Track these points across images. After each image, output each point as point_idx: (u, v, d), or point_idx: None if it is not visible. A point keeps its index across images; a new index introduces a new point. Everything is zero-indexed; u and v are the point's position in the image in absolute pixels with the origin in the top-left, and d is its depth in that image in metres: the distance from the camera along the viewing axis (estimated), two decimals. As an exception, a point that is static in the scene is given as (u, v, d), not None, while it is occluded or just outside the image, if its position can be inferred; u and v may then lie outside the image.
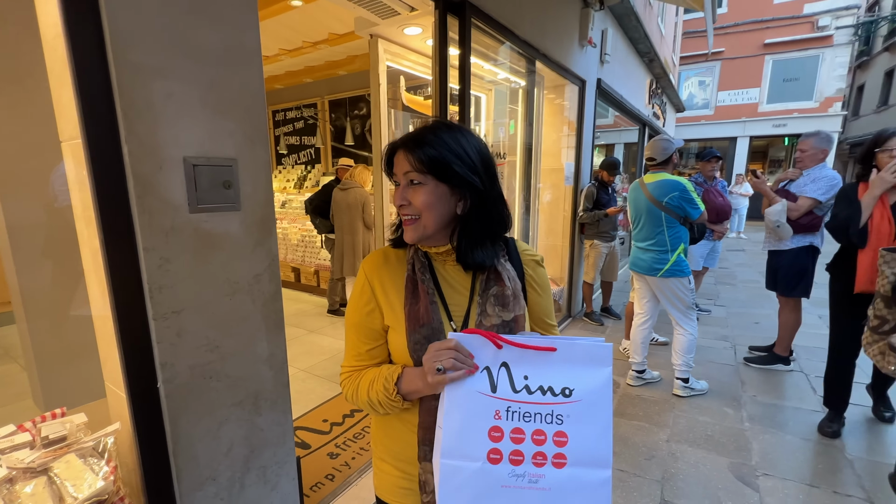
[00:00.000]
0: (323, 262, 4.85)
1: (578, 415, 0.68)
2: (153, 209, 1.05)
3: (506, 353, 0.69)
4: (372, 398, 0.79)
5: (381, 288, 0.83)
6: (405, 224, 0.81)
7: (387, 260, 0.86)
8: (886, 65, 17.75)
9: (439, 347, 0.69)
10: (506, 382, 0.69)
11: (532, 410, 0.68)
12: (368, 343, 0.85)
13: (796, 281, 3.10)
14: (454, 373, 0.67)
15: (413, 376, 0.76)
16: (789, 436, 2.43)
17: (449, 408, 0.68)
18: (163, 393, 1.11)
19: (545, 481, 0.67)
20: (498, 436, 0.67)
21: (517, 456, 0.67)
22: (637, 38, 5.51)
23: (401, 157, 0.79)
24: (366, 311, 0.83)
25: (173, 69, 1.06)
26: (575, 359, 0.69)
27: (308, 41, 3.74)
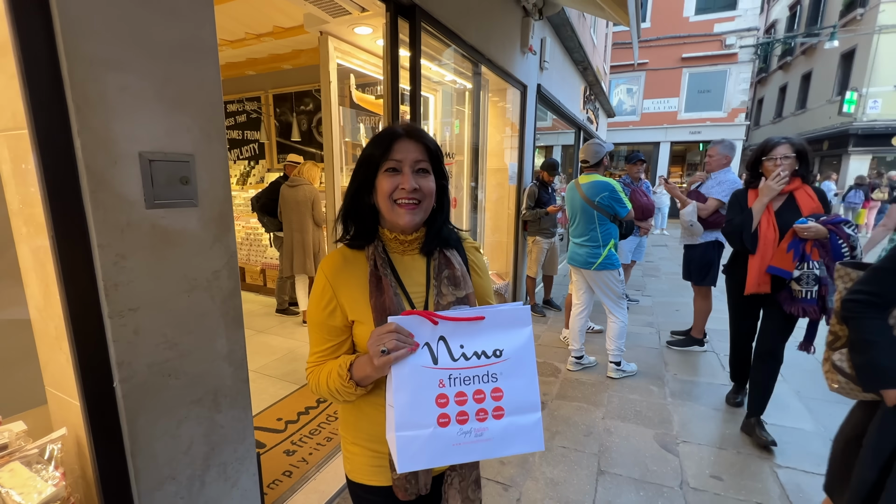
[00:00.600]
0: (270, 260, 4.70)
1: (509, 371, 0.78)
2: (108, 205, 1.03)
3: (442, 327, 0.76)
4: (331, 387, 0.85)
5: (344, 287, 0.87)
6: (407, 208, 0.85)
7: (345, 260, 0.90)
8: (780, 81, 20.24)
9: (380, 332, 0.74)
10: (445, 354, 0.76)
11: (471, 374, 0.77)
12: (330, 340, 0.90)
13: (706, 271, 3.52)
14: (397, 352, 0.73)
15: (362, 363, 0.81)
16: (703, 407, 2.77)
17: (397, 385, 0.74)
18: (119, 393, 1.09)
19: (489, 433, 0.77)
20: (444, 402, 0.75)
21: (462, 416, 0.76)
22: (572, 48, 5.87)
23: (409, 145, 0.85)
24: (327, 310, 0.87)
25: (128, 62, 1.04)
26: (501, 323, 0.79)
27: (252, 33, 3.62)
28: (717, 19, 13.67)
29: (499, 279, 4.64)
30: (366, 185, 0.88)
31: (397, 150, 0.85)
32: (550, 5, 4.16)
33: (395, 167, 0.85)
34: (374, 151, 0.86)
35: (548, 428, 2.53)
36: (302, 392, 2.76)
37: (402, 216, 0.85)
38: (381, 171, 0.86)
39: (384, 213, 0.88)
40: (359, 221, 0.91)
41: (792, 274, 2.13)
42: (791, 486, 2.03)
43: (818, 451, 2.29)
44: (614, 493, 2.01)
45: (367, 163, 0.87)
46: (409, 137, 0.86)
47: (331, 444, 2.20)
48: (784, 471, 2.14)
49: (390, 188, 0.84)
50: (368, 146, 0.89)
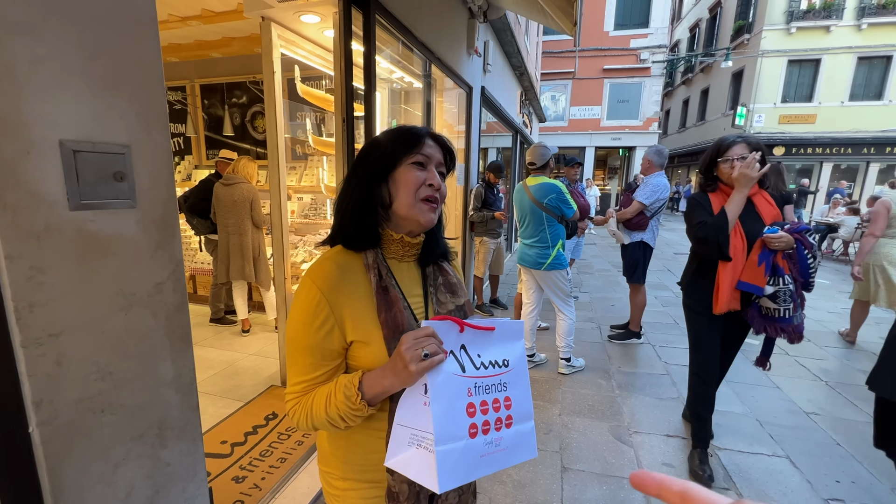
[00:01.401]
0: (200, 265, 4.24)
1: (514, 380, 0.79)
2: (18, 206, 0.82)
3: (464, 336, 0.75)
4: (331, 414, 0.75)
5: (344, 302, 0.78)
6: (432, 208, 0.81)
7: (341, 270, 0.80)
8: (684, 95, 22.54)
9: (418, 336, 0.69)
10: (468, 362, 0.75)
11: (489, 383, 0.76)
12: (325, 365, 0.79)
13: (633, 269, 3.82)
14: (438, 357, 0.69)
15: (379, 375, 0.73)
16: (647, 397, 2.94)
17: (434, 394, 0.70)
18: (37, 439, 0.87)
19: (504, 442, 0.76)
20: (472, 411, 0.73)
21: (486, 426, 0.74)
22: (511, 52, 6.02)
23: (436, 147, 0.83)
24: (323, 331, 0.77)
25: (43, 27, 0.84)
26: (506, 335, 0.81)
27: (176, 15, 3.22)
28: (632, 35, 14.88)
29: (447, 281, 4.60)
30: (381, 177, 0.81)
31: (427, 145, 0.82)
32: (494, 9, 4.22)
33: (422, 161, 0.81)
34: (399, 145, 0.81)
35: (509, 429, 2.53)
36: (247, 410, 2.49)
37: (425, 213, 0.81)
38: (405, 164, 0.80)
39: (403, 208, 0.80)
40: (364, 220, 0.82)
41: (764, 290, 1.85)
42: (731, 466, 2.21)
43: (749, 432, 2.52)
44: (579, 489, 2.05)
45: (391, 153, 0.81)
46: (433, 139, 0.85)
47: (285, 466, 2.01)
48: (724, 452, 2.32)
49: (417, 181, 0.80)
50: (390, 138, 0.83)
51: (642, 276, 3.78)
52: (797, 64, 14.73)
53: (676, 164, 24.13)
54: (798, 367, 3.45)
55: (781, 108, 14.97)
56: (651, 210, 3.59)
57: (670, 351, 3.74)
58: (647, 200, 3.54)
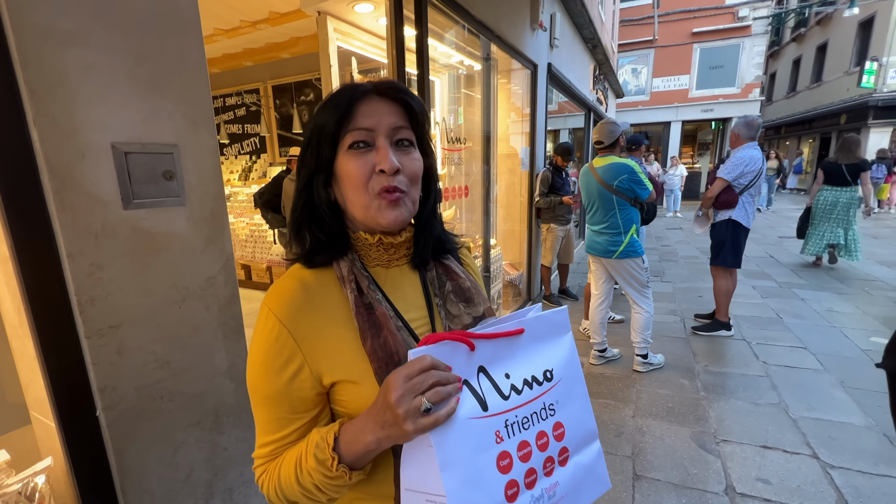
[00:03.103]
0: (276, 257, 4.58)
1: (564, 396, 0.59)
2: (76, 206, 0.87)
3: (478, 354, 0.53)
4: (304, 484, 0.55)
5: (312, 333, 0.58)
6: (394, 201, 0.58)
7: (306, 291, 0.59)
8: (794, 54, 19.57)
9: (411, 374, 0.47)
10: (493, 392, 0.53)
11: (528, 412, 0.55)
12: (297, 419, 0.59)
13: (718, 250, 3.40)
14: (447, 408, 0.47)
15: (360, 430, 0.52)
16: (740, 401, 2.60)
17: (444, 458, 0.48)
18: (104, 422, 0.95)
19: (560, 489, 0.57)
20: (507, 464, 0.52)
21: (531, 476, 0.54)
22: (582, 24, 5.60)
23: (381, 105, 0.58)
24: (287, 374, 0.57)
25: (92, 36, 0.88)
26: (541, 335, 0.59)
27: (246, 20, 3.43)
28: (728, -9, 13.18)
29: (513, 269, 4.47)
30: (321, 172, 0.60)
31: (364, 112, 0.57)
32: (561, -23, 3.92)
33: (364, 139, 0.57)
34: (326, 119, 0.57)
35: (575, 428, 2.38)
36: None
37: (384, 212, 0.58)
38: (344, 150, 0.58)
39: (357, 210, 0.60)
40: (321, 227, 0.62)
41: None
42: (848, 489, 1.87)
43: (872, 448, 2.12)
44: (654, 499, 1.86)
45: (318, 137, 0.58)
46: (379, 94, 0.59)
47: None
48: (838, 472, 1.97)
49: (361, 173, 0.57)
50: (320, 112, 0.59)
51: (729, 257, 3.33)
52: (949, 3, 12.01)
53: (784, 134, 21.12)
54: (944, 373, 2.83)
55: (926, 59, 12.36)
56: (739, 185, 3.15)
57: (770, 349, 3.27)
58: (730, 175, 3.14)
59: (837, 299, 4.34)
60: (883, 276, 5.12)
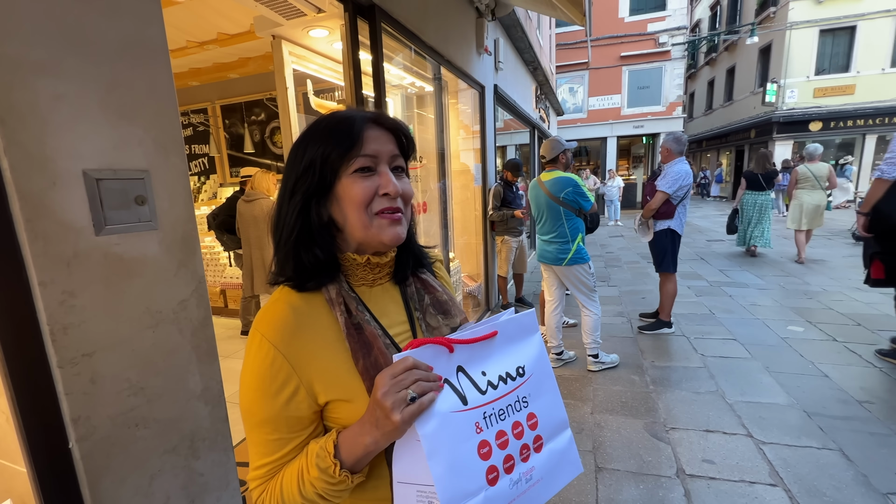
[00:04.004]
0: (230, 279, 4.41)
1: (536, 389, 0.66)
2: (48, 234, 0.87)
3: (457, 355, 0.60)
4: (308, 495, 0.58)
5: (307, 355, 0.61)
6: (395, 220, 0.63)
7: (297, 315, 0.63)
8: (708, 76, 21.74)
9: (396, 372, 0.53)
10: (471, 388, 0.60)
11: (503, 405, 0.61)
12: (294, 438, 0.62)
13: (661, 258, 3.75)
14: (428, 396, 0.54)
15: (356, 433, 0.57)
16: (684, 392, 2.84)
17: (430, 448, 0.54)
18: (77, 454, 0.92)
19: (537, 472, 0.63)
20: (487, 451, 0.58)
21: (509, 462, 0.60)
22: (523, 48, 5.97)
23: (382, 135, 0.64)
24: (283, 396, 0.60)
25: (62, 66, 0.89)
26: (513, 335, 0.66)
27: (194, 41, 3.36)
28: (649, 19, 14.47)
29: (471, 281, 4.59)
30: (319, 196, 0.64)
31: (370, 140, 0.62)
32: (502, 6, 4.19)
33: (369, 165, 0.62)
34: (332, 147, 0.61)
35: (540, 429, 2.50)
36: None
37: (386, 231, 0.63)
38: (348, 173, 0.62)
39: (358, 231, 0.64)
40: (315, 250, 0.64)
41: None
42: (778, 461, 2.10)
43: (795, 424, 2.40)
44: (615, 489, 2.00)
45: (323, 162, 0.62)
46: (379, 125, 0.64)
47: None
48: (769, 447, 2.21)
49: (366, 195, 0.62)
50: (319, 138, 0.63)
51: (671, 264, 3.67)
52: (830, 33, 13.95)
53: (705, 147, 23.27)
54: (848, 353, 3.26)
55: (816, 80, 14.21)
56: (676, 197, 3.50)
57: (707, 342, 3.60)
58: (670, 189, 3.47)
59: (759, 294, 4.84)
60: (794, 271, 5.77)
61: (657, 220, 3.63)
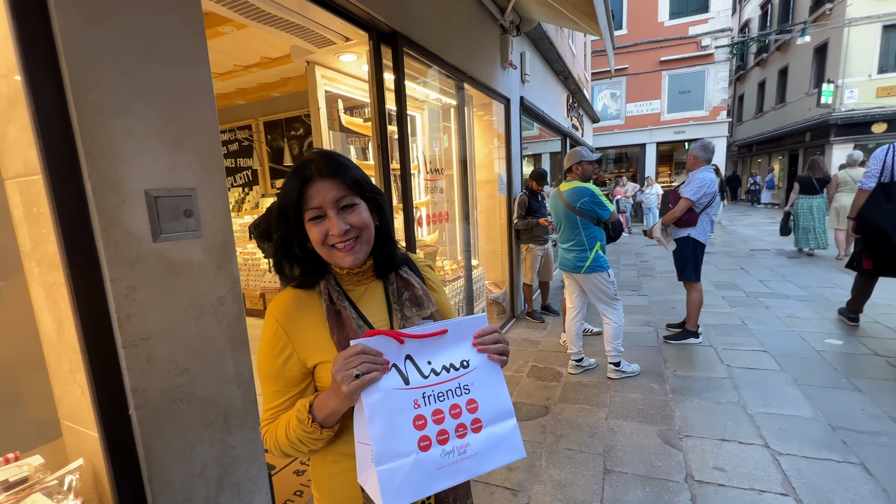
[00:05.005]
0: (269, 284, 4.75)
1: (479, 380, 0.76)
2: (118, 241, 1.09)
3: (407, 346, 0.73)
4: (291, 438, 0.76)
5: (299, 330, 0.80)
6: (345, 250, 0.79)
7: (298, 300, 0.83)
8: (758, 77, 20.72)
9: (347, 355, 0.68)
10: (415, 372, 0.72)
11: (443, 389, 0.73)
12: (287, 391, 0.81)
13: (683, 266, 3.73)
14: (370, 374, 0.67)
15: (325, 397, 0.73)
16: (704, 401, 2.81)
17: (371, 414, 0.68)
18: (135, 419, 1.14)
19: (472, 448, 0.73)
20: (422, 423, 0.70)
21: (443, 435, 0.71)
22: (552, 59, 6.04)
23: (325, 185, 0.77)
24: (281, 359, 0.80)
25: (133, 108, 1.12)
26: (463, 334, 0.77)
27: (240, 65, 3.72)
28: (691, 22, 14.06)
29: (496, 288, 4.70)
30: (296, 233, 0.81)
31: (312, 195, 0.77)
32: (527, 21, 4.32)
33: (317, 214, 0.78)
34: (288, 200, 0.78)
35: (552, 431, 2.57)
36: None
37: (344, 258, 0.80)
38: (306, 220, 0.79)
39: (325, 258, 0.83)
40: (301, 265, 0.84)
41: None
42: (792, 471, 2.08)
43: (817, 437, 2.34)
44: (621, 490, 2.05)
45: (285, 212, 0.79)
46: (321, 177, 0.78)
47: (340, 462, 2.23)
48: (785, 458, 2.18)
49: (320, 236, 0.78)
50: (281, 192, 0.81)
51: (693, 272, 3.63)
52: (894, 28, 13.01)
53: (755, 152, 22.13)
54: (889, 368, 3.10)
55: (879, 79, 13.24)
56: (700, 205, 3.47)
57: (734, 353, 3.52)
58: (695, 196, 3.45)
59: (799, 306, 4.64)
60: (844, 282, 5.46)
61: (678, 228, 3.61)
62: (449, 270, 3.76)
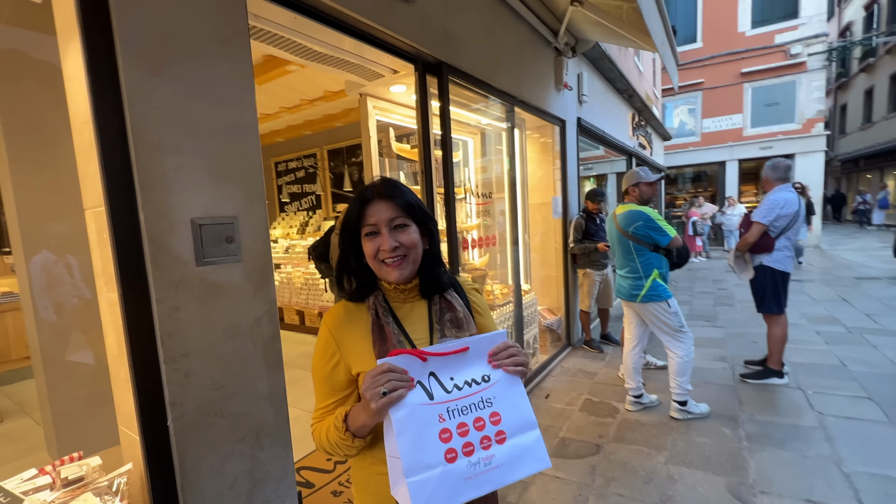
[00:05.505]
0: (327, 303, 4.99)
1: (501, 393, 0.80)
2: (164, 265, 1.20)
3: (430, 364, 0.78)
4: (331, 440, 0.84)
5: (347, 339, 0.89)
6: (393, 266, 0.87)
7: (348, 312, 0.92)
8: (864, 84, 18.46)
9: (374, 374, 0.74)
10: (439, 388, 0.77)
11: (467, 403, 0.78)
12: (334, 394, 0.90)
13: (759, 297, 3.34)
14: (397, 392, 0.72)
15: (358, 411, 0.80)
16: (786, 452, 2.45)
17: (399, 429, 0.73)
18: (172, 431, 1.22)
19: (497, 459, 0.77)
20: (447, 436, 0.75)
21: (468, 448, 0.76)
22: (613, 78, 5.86)
23: (381, 206, 0.88)
24: (331, 364, 0.89)
25: (183, 145, 1.24)
26: (483, 351, 0.83)
27: (306, 99, 4.06)
28: (777, 30, 12.93)
29: (550, 314, 4.52)
30: (353, 248, 0.92)
31: (370, 214, 0.88)
32: (583, 42, 4.24)
33: (372, 231, 0.88)
34: (350, 218, 0.90)
35: (602, 473, 2.37)
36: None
37: (391, 273, 0.88)
38: (363, 235, 0.89)
39: (375, 271, 0.92)
40: (356, 277, 0.94)
41: None
42: None
43: (936, 510, 1.93)
44: (677, 549, 1.82)
45: (347, 229, 0.91)
46: (379, 199, 0.88)
47: (376, 486, 2.22)
48: (889, 532, 1.82)
49: (373, 250, 0.88)
50: (346, 212, 0.92)
51: (774, 304, 3.23)
52: None
53: (863, 167, 19.53)
54: None
55: None
56: (775, 228, 3.11)
57: (828, 398, 3.04)
58: (766, 219, 3.12)
59: (918, 346, 3.93)
60: (980, 320, 4.56)
61: (753, 255, 3.25)
62: (499, 295, 3.69)
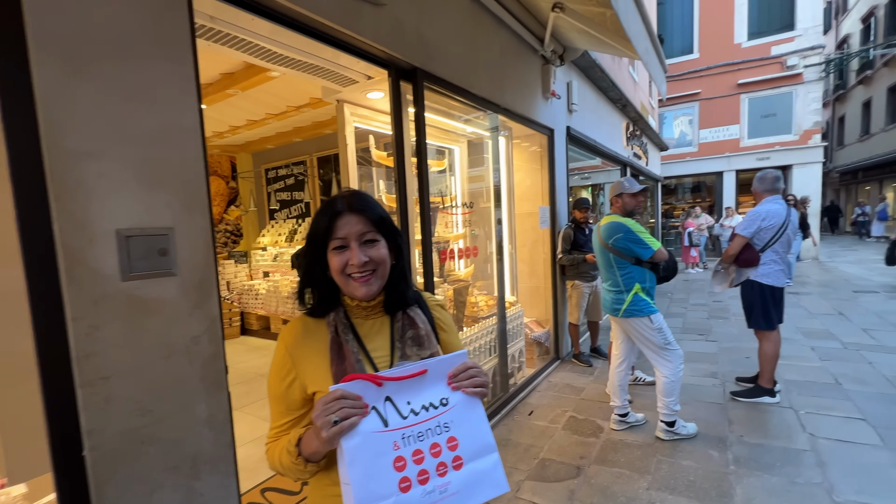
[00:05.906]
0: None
1: (458, 418, 0.77)
2: (82, 280, 1.11)
3: (386, 388, 0.74)
4: (284, 463, 0.81)
5: (304, 357, 0.86)
6: (360, 281, 0.85)
7: (306, 328, 0.89)
8: (862, 96, 18.50)
9: (326, 400, 0.70)
10: (394, 413, 0.74)
11: (423, 428, 0.75)
12: (289, 414, 0.87)
13: (748, 312, 3.27)
14: (349, 420, 0.69)
15: (310, 436, 0.77)
16: (775, 478, 2.33)
17: (350, 459, 0.69)
18: (88, 461, 1.12)
19: (453, 486, 0.74)
20: (402, 465, 0.71)
21: (423, 475, 0.72)
22: (606, 87, 5.80)
23: (352, 219, 0.85)
24: (286, 383, 0.86)
25: (107, 151, 1.15)
26: (442, 373, 0.79)
27: (292, 105, 3.99)
28: (773, 42, 12.94)
29: (538, 327, 4.41)
30: (319, 261, 0.87)
31: (340, 227, 0.85)
32: (571, 51, 4.19)
33: (341, 245, 0.85)
34: (317, 230, 0.86)
35: (581, 499, 2.25)
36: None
37: (358, 289, 0.85)
38: (330, 249, 0.85)
39: (340, 286, 0.88)
40: (318, 291, 0.90)
41: None
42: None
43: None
44: (654, 586, 1.70)
45: (313, 241, 0.87)
46: (350, 212, 0.85)
47: None
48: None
49: (340, 264, 0.84)
50: (312, 223, 0.88)
51: (763, 320, 3.13)
52: None
53: (861, 179, 19.49)
54: None
55: None
56: (759, 242, 3.02)
57: (821, 420, 2.92)
58: (746, 231, 3.07)
59: (915, 364, 3.81)
60: (979, 337, 4.44)
61: (740, 269, 3.15)
62: (484, 307, 3.58)
